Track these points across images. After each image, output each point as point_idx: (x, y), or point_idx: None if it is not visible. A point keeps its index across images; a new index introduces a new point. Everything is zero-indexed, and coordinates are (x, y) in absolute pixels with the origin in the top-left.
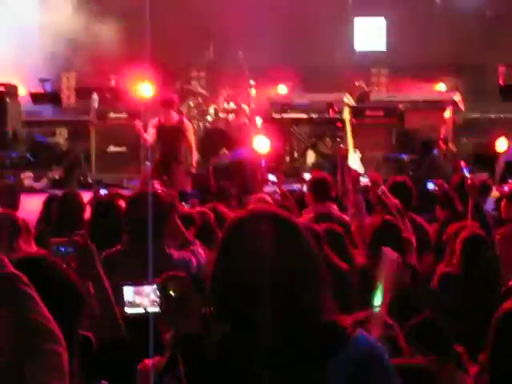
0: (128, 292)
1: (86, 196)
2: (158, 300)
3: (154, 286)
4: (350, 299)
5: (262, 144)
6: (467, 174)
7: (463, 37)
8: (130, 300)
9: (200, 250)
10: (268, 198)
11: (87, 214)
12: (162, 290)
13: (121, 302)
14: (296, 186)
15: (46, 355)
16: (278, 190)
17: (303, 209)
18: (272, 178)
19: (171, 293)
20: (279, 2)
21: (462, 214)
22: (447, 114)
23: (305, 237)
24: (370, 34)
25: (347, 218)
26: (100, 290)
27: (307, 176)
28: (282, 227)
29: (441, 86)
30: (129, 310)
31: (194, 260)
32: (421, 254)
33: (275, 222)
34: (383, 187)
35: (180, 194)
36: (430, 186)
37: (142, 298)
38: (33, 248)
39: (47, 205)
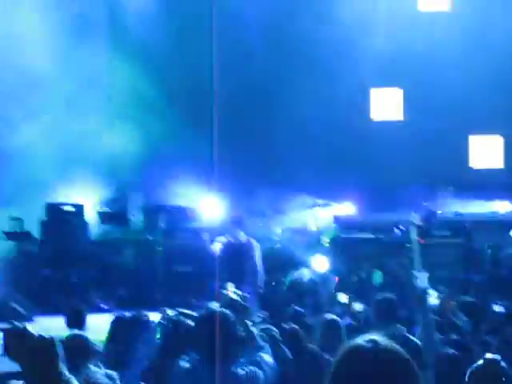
0: None
1: (154, 316)
2: None
3: None
4: None
5: (320, 263)
6: None
7: None
8: None
9: (268, 359)
10: (337, 319)
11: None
12: None
13: None
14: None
15: None
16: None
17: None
18: (340, 298)
19: None
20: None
21: None
22: None
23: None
24: None
25: (414, 339)
26: None
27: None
28: (403, 369)
29: (507, 204)
30: None
31: (260, 374)
32: None
33: (397, 362)
34: (453, 303)
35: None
36: (497, 308)
37: None
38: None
39: (115, 325)
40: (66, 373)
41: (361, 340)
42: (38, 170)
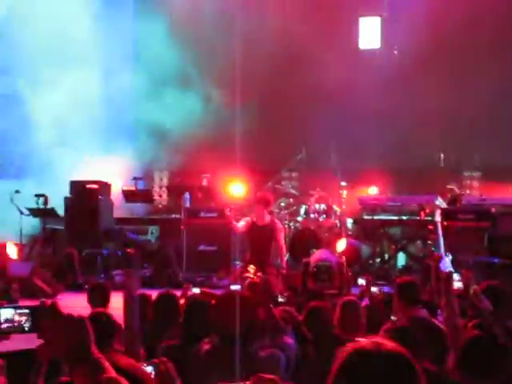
0: None
1: (177, 294)
2: None
3: None
4: None
5: (344, 246)
6: None
7: None
8: None
9: (290, 341)
10: (358, 302)
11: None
12: None
13: None
14: (386, 288)
15: None
16: (365, 293)
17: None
18: (361, 281)
19: None
20: (371, 104)
21: None
22: None
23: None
24: None
25: (437, 323)
26: None
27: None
28: (406, 372)
29: None
30: None
31: (282, 356)
32: None
33: (402, 365)
34: (476, 287)
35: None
36: None
37: None
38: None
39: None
40: (96, 352)
41: (364, 342)
42: (65, 144)
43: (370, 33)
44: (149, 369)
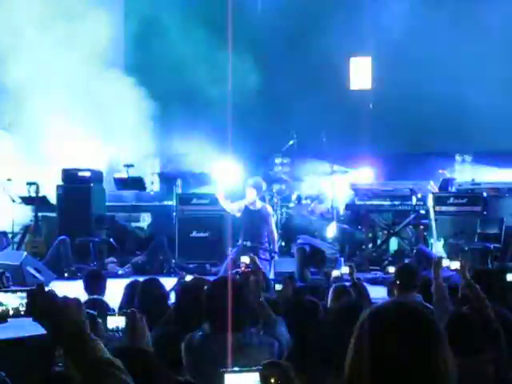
0: (229, 379)
1: (170, 281)
2: None
3: (255, 373)
4: None
5: (333, 230)
6: None
7: None
8: None
9: (284, 331)
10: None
11: (172, 299)
12: (263, 378)
13: None
14: (379, 274)
15: None
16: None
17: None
18: (345, 269)
19: (272, 381)
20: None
21: None
22: None
23: (444, 342)
24: None
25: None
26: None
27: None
28: (426, 329)
29: None
30: None
31: (276, 343)
32: None
33: (422, 322)
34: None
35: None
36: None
37: None
38: None
39: (129, 290)
40: (92, 335)
41: (384, 302)
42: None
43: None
44: (121, 319)
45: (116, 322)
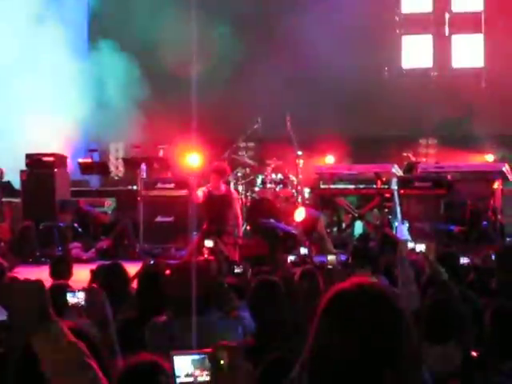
0: (179, 362)
1: (135, 266)
2: (208, 370)
3: (205, 356)
4: None
5: (303, 216)
6: None
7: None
8: (181, 370)
9: (247, 315)
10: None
11: (135, 283)
12: (213, 360)
13: (172, 372)
14: (344, 257)
15: None
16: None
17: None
18: (303, 251)
19: (222, 362)
20: (327, 74)
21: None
22: (496, 185)
23: (408, 322)
24: None
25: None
26: (106, 333)
27: None
28: (387, 309)
29: (489, 157)
30: (179, 380)
31: (239, 328)
32: None
33: (382, 302)
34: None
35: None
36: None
37: (192, 368)
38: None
39: (96, 275)
40: (54, 315)
41: (346, 284)
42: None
43: None
44: (80, 294)
45: (77, 298)
